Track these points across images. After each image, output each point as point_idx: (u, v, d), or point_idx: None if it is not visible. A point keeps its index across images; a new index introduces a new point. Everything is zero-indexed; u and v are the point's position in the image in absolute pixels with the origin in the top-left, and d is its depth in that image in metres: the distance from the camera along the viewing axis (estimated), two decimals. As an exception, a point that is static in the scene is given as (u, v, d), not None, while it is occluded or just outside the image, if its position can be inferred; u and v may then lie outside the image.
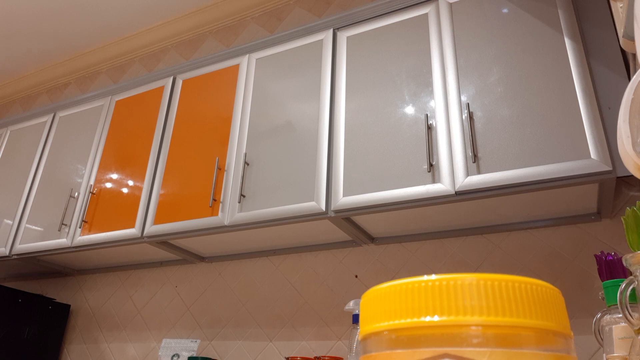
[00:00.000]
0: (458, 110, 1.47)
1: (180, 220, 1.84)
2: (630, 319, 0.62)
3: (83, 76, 3.21)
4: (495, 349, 0.20)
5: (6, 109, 3.51)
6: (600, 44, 1.40)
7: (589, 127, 1.28)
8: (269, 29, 2.58)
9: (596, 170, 1.23)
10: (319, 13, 2.42)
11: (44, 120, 2.62)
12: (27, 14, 2.81)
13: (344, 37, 1.84)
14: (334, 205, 1.56)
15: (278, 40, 2.00)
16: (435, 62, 1.59)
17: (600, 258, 0.95)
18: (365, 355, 0.24)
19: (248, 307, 2.01)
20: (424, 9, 1.70)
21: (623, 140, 0.58)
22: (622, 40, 0.92)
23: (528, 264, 1.57)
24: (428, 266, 1.73)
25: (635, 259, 0.61)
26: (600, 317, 0.84)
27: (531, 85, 1.40)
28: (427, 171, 1.44)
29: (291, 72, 1.89)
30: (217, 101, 2.03)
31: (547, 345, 0.21)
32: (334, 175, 1.60)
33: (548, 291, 0.22)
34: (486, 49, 1.52)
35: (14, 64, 3.27)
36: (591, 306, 1.44)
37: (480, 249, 1.67)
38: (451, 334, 0.21)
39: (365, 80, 1.70)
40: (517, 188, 1.32)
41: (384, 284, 0.24)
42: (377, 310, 0.23)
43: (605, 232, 1.51)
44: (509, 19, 1.52)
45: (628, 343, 0.74)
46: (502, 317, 0.21)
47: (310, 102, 1.78)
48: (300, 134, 1.75)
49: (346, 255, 1.90)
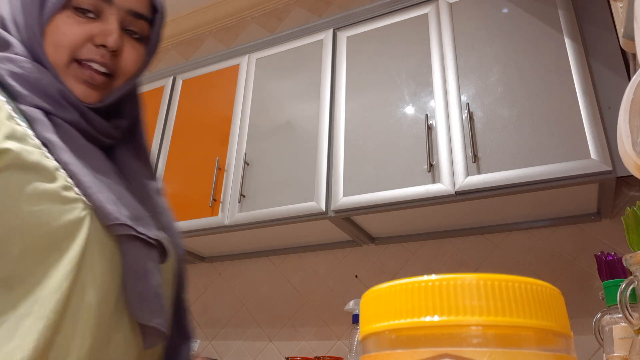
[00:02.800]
0: (458, 110, 1.47)
1: (180, 220, 1.84)
2: (630, 319, 0.62)
3: (83, 76, 3.21)
4: (495, 349, 0.20)
5: (6, 109, 3.51)
6: (600, 44, 1.40)
7: (589, 127, 1.28)
8: (269, 29, 2.58)
9: (596, 170, 1.23)
10: (319, 13, 2.42)
11: (44, 120, 2.62)
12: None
13: (344, 37, 1.84)
14: (334, 205, 1.56)
15: (278, 40, 2.00)
16: (435, 62, 1.59)
17: (600, 258, 0.95)
18: (365, 355, 0.24)
19: (248, 307, 2.01)
20: (424, 9, 1.70)
21: (623, 140, 0.58)
22: (622, 40, 0.92)
23: (528, 264, 1.57)
24: (428, 266, 1.73)
25: (635, 259, 0.61)
26: (600, 317, 0.84)
27: (531, 85, 1.40)
28: (427, 171, 1.44)
29: (291, 72, 1.89)
30: (217, 101, 2.03)
31: (547, 345, 0.21)
32: (334, 175, 1.60)
33: (548, 291, 0.22)
34: (486, 49, 1.52)
35: (14, 64, 3.27)
36: (591, 306, 1.44)
37: (480, 249, 1.67)
38: (451, 334, 0.21)
39: (365, 80, 1.70)
40: (517, 188, 1.32)
41: (384, 284, 0.24)
42: (377, 310, 0.23)
43: (605, 232, 1.51)
44: (509, 19, 1.52)
45: (628, 343, 0.74)
46: (502, 317, 0.21)
47: (310, 102, 1.78)
48: (300, 134, 1.75)
49: (346, 255, 1.90)
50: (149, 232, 0.56)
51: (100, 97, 0.62)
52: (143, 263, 0.55)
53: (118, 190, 0.57)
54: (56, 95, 0.58)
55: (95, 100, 0.62)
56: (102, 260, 0.54)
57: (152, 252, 0.57)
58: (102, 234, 0.54)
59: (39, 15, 0.60)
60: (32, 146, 0.53)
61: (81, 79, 0.60)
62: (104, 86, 0.63)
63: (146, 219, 0.58)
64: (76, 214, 0.52)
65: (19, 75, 0.57)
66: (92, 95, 0.61)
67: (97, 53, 0.60)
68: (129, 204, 0.57)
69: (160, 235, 0.59)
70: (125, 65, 0.64)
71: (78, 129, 0.59)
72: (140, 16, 0.64)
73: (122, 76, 0.64)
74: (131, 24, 0.64)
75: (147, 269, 0.55)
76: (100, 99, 0.62)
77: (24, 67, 0.58)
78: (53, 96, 0.58)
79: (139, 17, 0.64)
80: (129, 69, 0.64)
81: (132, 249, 0.55)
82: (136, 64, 0.65)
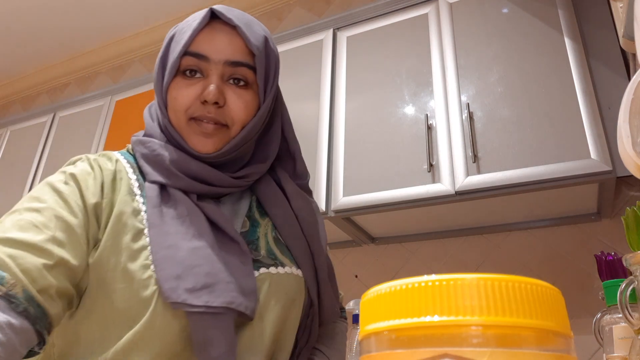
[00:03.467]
0: (458, 110, 1.47)
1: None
2: (630, 319, 0.62)
3: (83, 76, 3.21)
4: (495, 349, 0.20)
5: (6, 109, 3.51)
6: (600, 44, 1.40)
7: (589, 127, 1.28)
8: (269, 29, 2.58)
9: (596, 170, 1.23)
10: (319, 13, 2.42)
11: (44, 120, 2.62)
12: (27, 14, 2.81)
13: (344, 37, 1.84)
14: (334, 205, 1.56)
15: (278, 40, 2.00)
16: (435, 62, 1.59)
17: (600, 258, 0.95)
18: (365, 355, 0.24)
19: (248, 307, 2.01)
20: (424, 9, 1.70)
21: (623, 140, 0.58)
22: (622, 40, 0.92)
23: (528, 264, 1.57)
24: (428, 266, 1.73)
25: (635, 259, 0.61)
26: (600, 317, 0.84)
27: (531, 85, 1.40)
28: (427, 171, 1.44)
29: (291, 72, 1.89)
30: (217, 101, 2.02)
31: (547, 345, 0.21)
32: (333, 175, 1.60)
33: (548, 291, 0.22)
34: (486, 49, 1.52)
35: (14, 64, 3.27)
36: (591, 306, 1.44)
37: (480, 249, 1.67)
38: (451, 334, 0.21)
39: (365, 80, 1.70)
40: (517, 188, 1.32)
41: (384, 284, 0.24)
42: (377, 310, 0.23)
43: (605, 232, 1.51)
44: (509, 19, 1.52)
45: (628, 343, 0.74)
46: (502, 317, 0.21)
47: (310, 102, 1.78)
48: (300, 134, 1.73)
49: (346, 255, 1.90)
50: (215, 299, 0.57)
51: (217, 147, 0.67)
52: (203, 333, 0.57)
53: (199, 256, 0.60)
54: (171, 166, 0.66)
55: (213, 150, 0.67)
56: (169, 332, 0.58)
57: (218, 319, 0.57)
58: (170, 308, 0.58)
59: (161, 90, 0.68)
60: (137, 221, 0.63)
61: (197, 133, 0.66)
62: (219, 135, 0.67)
63: (220, 283, 0.59)
64: (148, 293, 0.58)
65: (145, 156, 0.68)
66: (208, 145, 0.66)
67: (204, 110, 0.66)
68: (201, 272, 0.58)
69: (235, 299, 0.59)
70: (233, 114, 0.67)
71: (191, 192, 0.66)
72: (238, 64, 0.67)
73: (236, 124, 0.68)
74: (234, 74, 0.67)
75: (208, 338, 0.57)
76: (218, 148, 0.67)
77: (149, 147, 0.68)
78: (168, 168, 0.65)
79: (237, 65, 0.67)
80: (239, 116, 0.67)
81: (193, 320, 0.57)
82: (245, 110, 0.68)
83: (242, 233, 0.69)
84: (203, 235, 0.62)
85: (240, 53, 0.67)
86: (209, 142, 0.66)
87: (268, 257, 0.68)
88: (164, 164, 0.66)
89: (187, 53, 0.66)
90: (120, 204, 0.63)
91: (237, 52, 0.67)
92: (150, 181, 0.65)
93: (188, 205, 0.64)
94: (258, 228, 0.71)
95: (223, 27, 0.67)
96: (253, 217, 0.72)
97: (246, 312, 0.59)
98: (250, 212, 0.73)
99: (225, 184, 0.68)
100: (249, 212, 0.73)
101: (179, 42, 0.66)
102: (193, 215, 0.63)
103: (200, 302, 0.56)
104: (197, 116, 0.66)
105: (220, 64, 0.66)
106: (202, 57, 0.66)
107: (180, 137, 0.67)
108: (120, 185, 0.65)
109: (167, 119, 0.68)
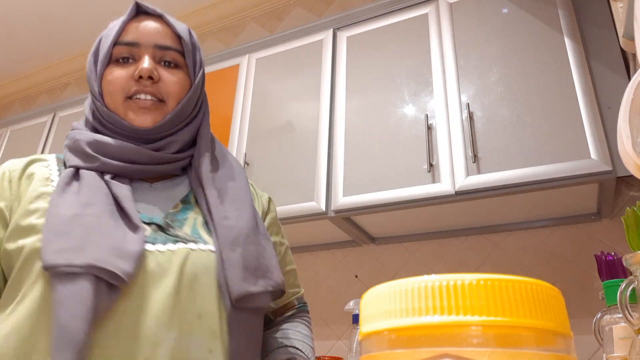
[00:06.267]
0: (458, 110, 1.47)
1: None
2: (630, 319, 0.62)
3: (83, 76, 3.21)
4: (495, 349, 0.20)
5: (6, 109, 3.51)
6: (600, 44, 1.40)
7: (589, 127, 1.28)
8: (269, 29, 2.58)
9: (596, 170, 1.23)
10: (319, 13, 2.42)
11: (44, 120, 2.62)
12: (27, 14, 2.81)
13: (344, 37, 1.84)
14: (334, 206, 1.56)
15: (278, 40, 2.00)
16: (435, 62, 1.59)
17: (600, 258, 0.95)
18: (365, 355, 0.24)
19: (248, 307, 2.01)
20: (424, 9, 1.70)
21: (623, 140, 0.58)
22: (622, 40, 0.92)
23: (528, 264, 1.57)
24: (428, 266, 1.73)
25: (635, 259, 0.61)
26: (600, 317, 0.84)
27: (531, 85, 1.40)
28: (427, 171, 1.44)
29: (291, 72, 1.89)
30: (217, 101, 2.03)
31: (547, 345, 0.21)
32: (333, 175, 1.60)
33: (548, 291, 0.22)
34: (486, 49, 1.52)
35: (14, 64, 3.27)
36: (591, 306, 1.44)
37: (480, 249, 1.67)
38: (451, 334, 0.21)
39: (365, 80, 1.70)
40: (517, 188, 1.32)
41: (384, 284, 0.24)
42: (377, 310, 0.23)
43: (605, 232, 1.51)
44: (509, 19, 1.52)
45: (628, 343, 0.74)
46: (502, 317, 0.21)
47: (310, 102, 1.78)
48: (300, 134, 1.75)
49: (346, 255, 1.90)
50: (78, 258, 0.57)
51: (156, 120, 0.71)
52: (58, 293, 0.56)
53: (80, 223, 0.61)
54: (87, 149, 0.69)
55: (152, 123, 0.71)
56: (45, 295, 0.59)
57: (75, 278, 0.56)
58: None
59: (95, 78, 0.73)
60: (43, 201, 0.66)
61: (134, 109, 0.70)
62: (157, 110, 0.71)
63: (91, 245, 0.59)
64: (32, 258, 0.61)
65: (67, 146, 0.72)
66: (147, 119, 0.71)
67: (140, 85, 0.70)
68: (76, 235, 0.60)
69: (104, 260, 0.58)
70: (168, 88, 0.72)
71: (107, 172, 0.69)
72: (167, 48, 0.73)
73: (171, 99, 0.72)
74: (164, 56, 0.73)
75: (59, 298, 0.56)
76: (156, 121, 0.71)
77: (70, 137, 0.73)
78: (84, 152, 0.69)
79: (166, 48, 0.73)
80: (174, 90, 0.72)
81: (54, 281, 0.58)
82: (179, 86, 0.73)
83: (170, 212, 0.70)
84: (92, 205, 0.63)
85: (168, 38, 0.73)
86: (148, 117, 0.70)
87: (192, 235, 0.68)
88: (81, 149, 0.70)
89: (117, 43, 0.72)
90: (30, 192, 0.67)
91: (165, 37, 0.73)
92: (68, 167, 0.69)
93: (92, 181, 0.67)
94: (190, 211, 0.72)
95: (149, 17, 0.74)
96: (188, 201, 0.74)
97: (116, 271, 0.57)
98: (187, 197, 0.74)
99: (144, 158, 0.70)
100: (185, 197, 0.74)
101: (109, 36, 0.72)
102: (94, 189, 0.65)
103: (62, 261, 0.57)
104: (134, 91, 0.70)
105: (150, 48, 0.72)
106: (133, 44, 0.72)
107: (119, 117, 0.71)
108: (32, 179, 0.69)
109: (104, 106, 0.72)
